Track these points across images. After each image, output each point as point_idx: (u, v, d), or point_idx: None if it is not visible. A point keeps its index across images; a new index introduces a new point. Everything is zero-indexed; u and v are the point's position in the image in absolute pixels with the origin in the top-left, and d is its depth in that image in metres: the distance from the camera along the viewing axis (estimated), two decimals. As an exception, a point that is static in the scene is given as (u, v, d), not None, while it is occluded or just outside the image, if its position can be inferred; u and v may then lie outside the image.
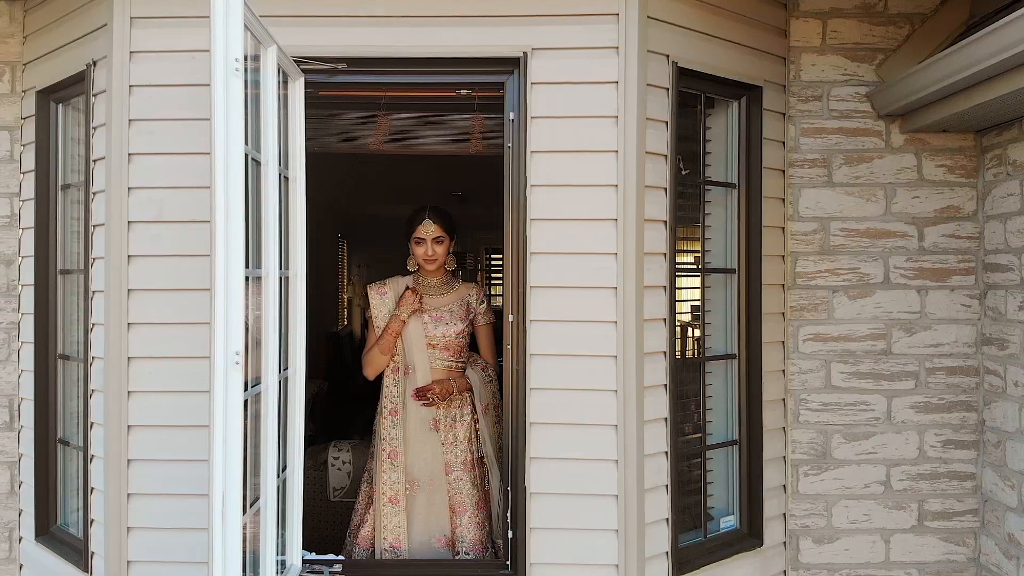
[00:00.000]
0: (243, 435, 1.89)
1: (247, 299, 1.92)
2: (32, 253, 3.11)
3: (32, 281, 3.11)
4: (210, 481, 1.81)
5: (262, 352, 2.16)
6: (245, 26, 1.90)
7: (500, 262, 9.20)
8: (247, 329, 1.96)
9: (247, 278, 1.93)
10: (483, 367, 3.04)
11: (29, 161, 3.16)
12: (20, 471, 3.22)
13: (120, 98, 2.59)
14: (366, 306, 3.20)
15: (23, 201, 3.20)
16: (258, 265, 2.14)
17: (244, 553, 1.96)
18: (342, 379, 6.42)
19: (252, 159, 2.04)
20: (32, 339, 3.11)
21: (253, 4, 2.00)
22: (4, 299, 3.23)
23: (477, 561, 2.78)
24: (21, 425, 3.22)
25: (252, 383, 2.08)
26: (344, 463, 3.64)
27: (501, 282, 9.46)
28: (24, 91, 3.20)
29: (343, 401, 6.11)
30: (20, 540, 3.23)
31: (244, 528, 1.96)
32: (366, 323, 7.62)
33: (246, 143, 1.91)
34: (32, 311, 3.12)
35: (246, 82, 1.90)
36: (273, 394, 2.19)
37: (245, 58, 1.90)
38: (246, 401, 1.96)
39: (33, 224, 3.10)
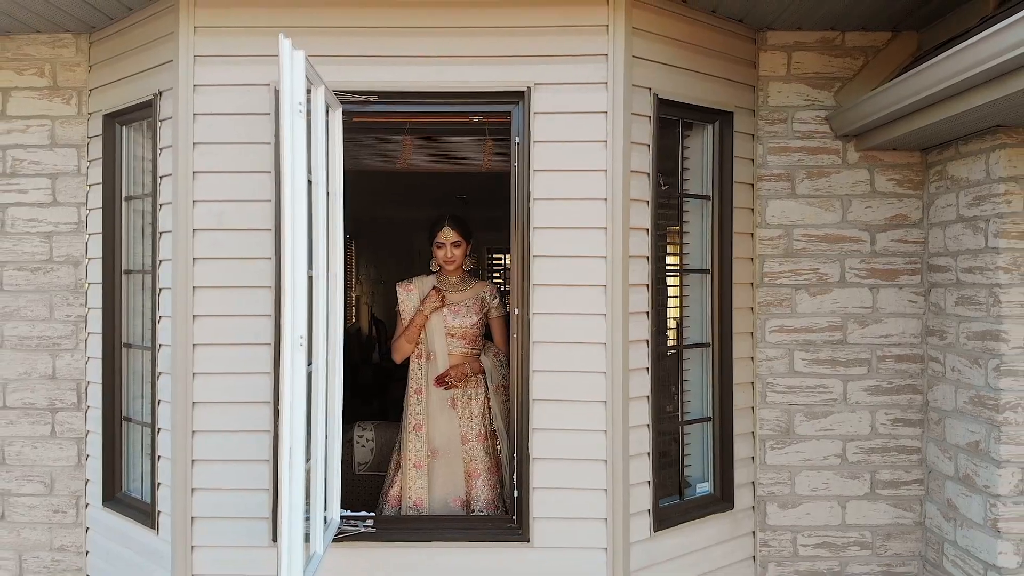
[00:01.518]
0: (303, 403, 2.36)
1: (313, 296, 2.38)
2: (99, 255, 3.57)
3: (99, 280, 3.57)
4: (280, 440, 2.28)
5: (314, 338, 2.62)
6: (306, 76, 2.37)
7: (500, 262, 9.66)
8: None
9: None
10: (495, 353, 3.52)
11: (95, 175, 3.62)
12: (87, 446, 3.69)
13: (185, 125, 3.06)
14: (394, 302, 3.65)
15: (90, 210, 3.66)
16: (310, 267, 2.61)
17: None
18: (347, 373, 6.83)
19: (307, 179, 2.50)
20: (99, 330, 3.58)
21: (304, 46, 2.46)
22: (72, 295, 3.70)
23: (488, 516, 3.26)
24: (88, 406, 3.69)
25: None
26: (368, 441, 4.11)
27: (499, 279, 9.94)
28: (90, 113, 3.66)
29: (354, 392, 6.56)
30: (87, 506, 3.70)
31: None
32: (373, 320, 8.05)
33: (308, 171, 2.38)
34: (99, 306, 3.58)
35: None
36: (322, 372, 2.65)
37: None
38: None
39: (100, 230, 3.56)
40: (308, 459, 2.58)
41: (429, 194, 7.16)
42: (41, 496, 3.73)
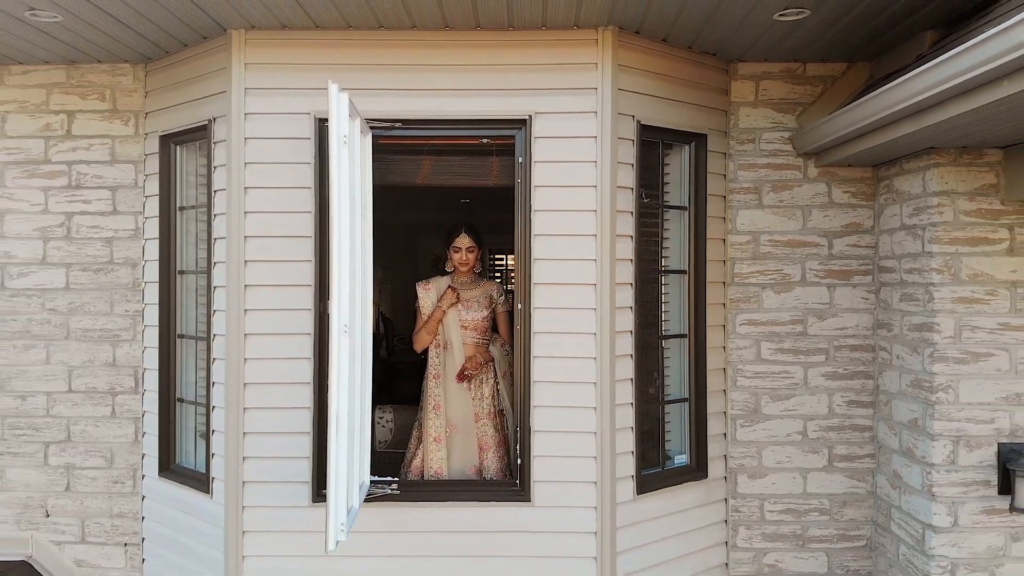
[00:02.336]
0: (349, 380, 2.88)
1: (351, 292, 2.91)
2: (156, 258, 4.10)
3: (155, 279, 4.10)
4: (329, 409, 2.80)
5: (353, 327, 3.15)
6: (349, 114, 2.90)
7: (501, 262, 10.19)
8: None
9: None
10: (502, 344, 4.06)
11: (151, 188, 4.15)
12: (143, 424, 4.22)
13: (238, 147, 3.59)
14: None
15: (146, 218, 4.19)
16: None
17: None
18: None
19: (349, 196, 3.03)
20: (155, 323, 4.11)
21: (338, 81, 2.97)
22: (130, 293, 4.23)
23: (496, 481, 3.79)
24: (144, 389, 4.22)
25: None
26: (388, 421, 4.64)
27: (499, 278, 10.47)
28: (146, 134, 4.20)
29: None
30: (143, 478, 4.23)
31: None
32: (383, 317, 8.63)
33: (352, 189, 2.91)
34: (155, 302, 4.11)
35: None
36: (358, 355, 3.18)
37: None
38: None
39: (156, 236, 4.09)
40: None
41: (435, 199, 7.68)
42: (102, 469, 4.26)
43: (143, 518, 4.22)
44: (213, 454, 3.74)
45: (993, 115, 2.91)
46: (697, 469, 3.99)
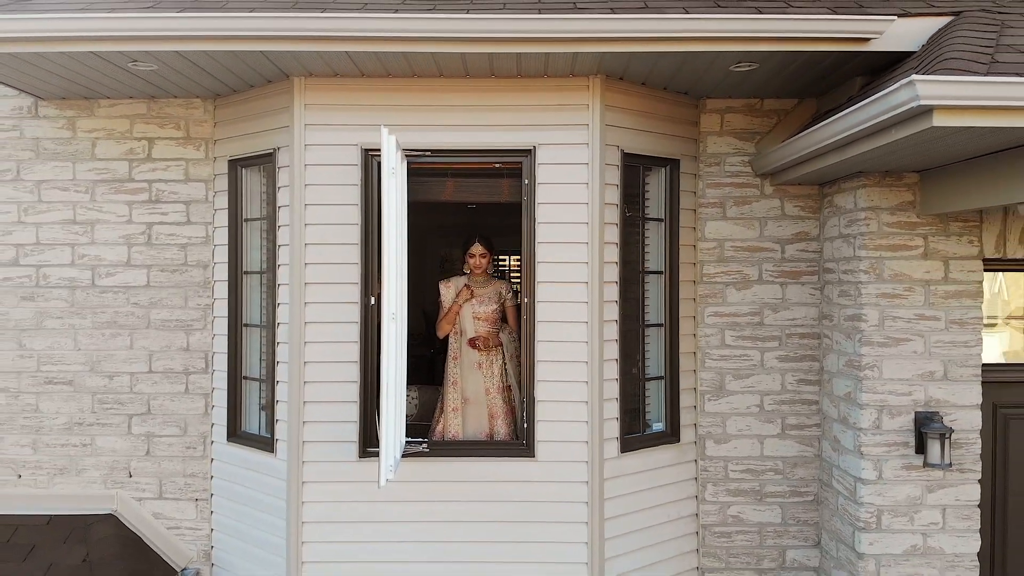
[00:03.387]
0: (395, 357, 3.74)
1: (396, 286, 3.77)
2: (225, 260, 4.96)
3: (224, 278, 4.96)
4: (382, 378, 3.66)
5: (395, 316, 4.00)
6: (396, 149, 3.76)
7: (504, 262, 11.08)
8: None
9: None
10: (509, 332, 4.92)
11: (220, 203, 5.01)
12: (212, 399, 5.08)
13: (299, 172, 4.44)
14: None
15: (215, 228, 5.05)
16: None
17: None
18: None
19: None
20: (224, 314, 4.97)
21: (379, 119, 3.82)
22: (201, 290, 5.08)
23: (508, 441, 4.66)
24: (213, 369, 5.07)
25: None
26: (414, 398, 5.50)
27: (505, 276, 11.34)
28: (215, 158, 5.05)
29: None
30: (212, 443, 5.08)
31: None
32: (423, 313, 9.33)
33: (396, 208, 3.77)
34: (224, 297, 4.97)
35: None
36: (396, 339, 4.03)
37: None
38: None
39: (225, 242, 4.95)
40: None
41: (445, 203, 8.51)
42: (177, 436, 5.11)
43: (212, 477, 5.07)
44: (277, 420, 4.59)
45: (893, 151, 3.77)
46: (671, 435, 4.84)
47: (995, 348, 4.77)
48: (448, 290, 4.92)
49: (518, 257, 5.03)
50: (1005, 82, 3.05)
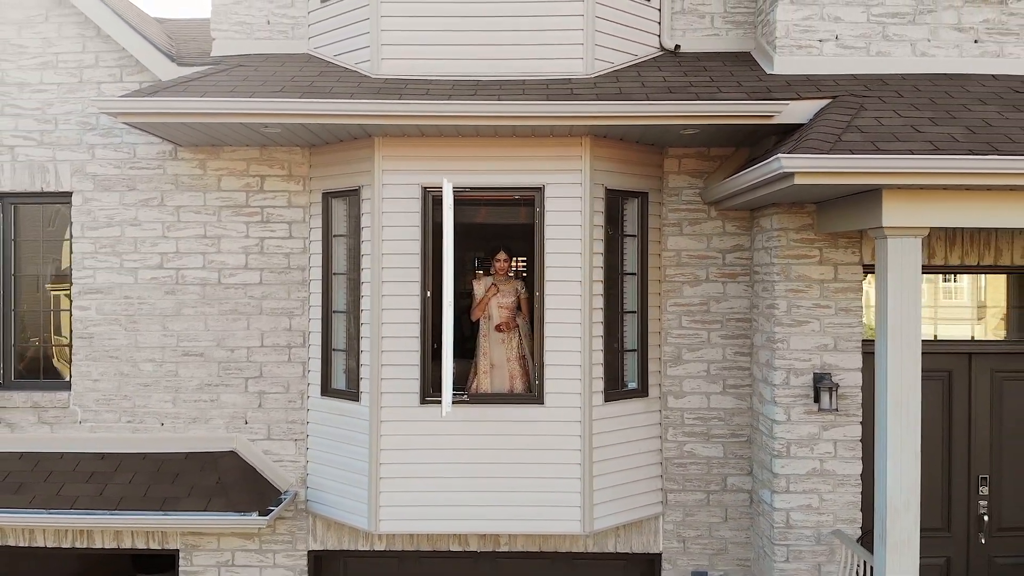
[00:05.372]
0: (450, 333, 5.62)
1: (449, 286, 5.66)
2: (319, 264, 6.84)
3: (319, 278, 6.84)
4: (444, 341, 5.53)
5: (448, 304, 5.87)
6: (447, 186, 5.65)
7: (513, 266, 13.08)
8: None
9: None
10: (523, 316, 6.78)
11: (315, 223, 6.88)
12: (309, 366, 6.96)
13: (377, 204, 6.32)
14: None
15: (311, 241, 6.93)
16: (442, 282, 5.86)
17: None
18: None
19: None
20: (318, 303, 6.85)
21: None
22: (300, 287, 6.96)
23: (523, 393, 6.52)
24: (309, 344, 6.95)
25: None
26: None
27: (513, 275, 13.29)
28: (311, 190, 6.93)
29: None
30: (308, 398, 6.97)
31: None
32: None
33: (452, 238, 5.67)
34: (318, 291, 6.85)
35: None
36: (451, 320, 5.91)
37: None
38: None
39: (320, 252, 6.83)
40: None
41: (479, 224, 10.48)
42: (281, 394, 7.00)
43: (308, 423, 6.96)
44: (362, 378, 6.47)
45: (787, 193, 5.61)
46: (642, 391, 6.71)
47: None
48: (479, 285, 6.79)
49: (525, 260, 7.03)
50: (837, 158, 4.90)
